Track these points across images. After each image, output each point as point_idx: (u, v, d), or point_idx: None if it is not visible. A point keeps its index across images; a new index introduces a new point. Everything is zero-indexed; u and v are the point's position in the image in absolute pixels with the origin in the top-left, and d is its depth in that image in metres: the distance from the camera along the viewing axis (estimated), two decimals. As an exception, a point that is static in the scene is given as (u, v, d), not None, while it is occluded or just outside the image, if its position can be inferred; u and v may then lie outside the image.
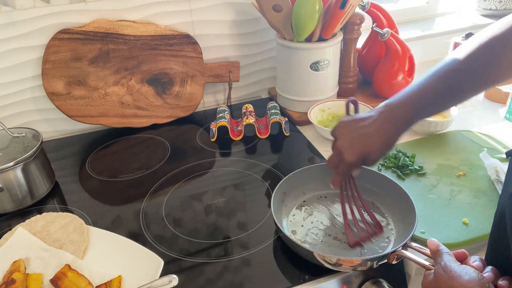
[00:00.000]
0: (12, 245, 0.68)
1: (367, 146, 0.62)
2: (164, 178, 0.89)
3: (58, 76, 0.99)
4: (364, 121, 0.63)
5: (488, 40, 0.56)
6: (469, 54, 0.57)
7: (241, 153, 0.96)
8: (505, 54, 0.55)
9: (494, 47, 0.56)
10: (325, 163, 0.70)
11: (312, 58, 1.00)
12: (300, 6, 0.92)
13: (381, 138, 0.61)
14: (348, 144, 0.63)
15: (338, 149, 0.64)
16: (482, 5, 1.43)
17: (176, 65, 1.06)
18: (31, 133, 0.85)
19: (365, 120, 0.63)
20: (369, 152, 0.62)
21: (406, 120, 0.61)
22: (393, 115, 0.61)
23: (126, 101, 1.05)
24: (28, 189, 0.81)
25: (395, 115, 0.61)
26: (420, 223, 0.71)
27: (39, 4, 0.94)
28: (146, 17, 1.03)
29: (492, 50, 0.56)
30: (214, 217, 0.77)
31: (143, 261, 0.64)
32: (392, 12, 1.14)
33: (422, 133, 0.97)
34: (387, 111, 0.62)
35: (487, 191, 0.78)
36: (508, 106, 1.01)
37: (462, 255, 0.52)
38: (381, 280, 0.64)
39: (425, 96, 0.59)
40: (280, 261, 0.67)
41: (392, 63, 1.06)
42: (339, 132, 0.65)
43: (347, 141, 0.63)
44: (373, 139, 0.61)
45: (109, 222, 0.77)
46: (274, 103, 1.07)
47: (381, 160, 0.88)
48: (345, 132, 0.64)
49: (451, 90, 0.59)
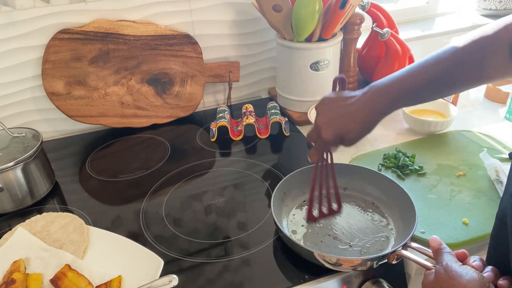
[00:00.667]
0: (12, 245, 0.68)
1: (345, 125, 0.62)
2: (164, 178, 0.89)
3: (58, 76, 0.99)
4: (347, 100, 0.63)
5: (480, 38, 0.56)
6: (460, 49, 0.57)
7: (241, 153, 0.96)
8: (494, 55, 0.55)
9: (484, 46, 0.56)
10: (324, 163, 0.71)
11: (312, 58, 1.00)
12: (300, 6, 0.92)
13: (360, 119, 0.61)
14: (327, 121, 0.63)
15: (317, 124, 0.64)
16: (482, 5, 1.43)
17: (176, 65, 1.06)
18: (31, 133, 0.85)
19: (348, 99, 0.63)
20: (346, 131, 0.62)
21: (389, 104, 0.60)
22: (376, 97, 0.61)
23: (126, 101, 1.05)
24: (28, 189, 0.81)
25: (378, 97, 0.61)
26: (420, 223, 0.71)
27: (39, 4, 0.94)
28: (146, 17, 1.03)
29: (482, 48, 0.56)
30: (214, 217, 0.77)
31: (143, 261, 0.64)
32: (392, 12, 1.14)
33: (422, 133, 0.97)
34: (370, 92, 0.61)
35: (487, 191, 0.78)
36: (508, 106, 1.01)
37: (463, 255, 0.52)
38: (381, 280, 0.64)
39: (410, 83, 0.59)
40: (280, 261, 0.67)
41: (392, 63, 1.06)
42: (321, 108, 0.65)
43: (326, 118, 0.64)
44: (352, 119, 0.61)
45: (109, 222, 0.77)
46: (274, 103, 1.07)
47: (380, 160, 0.88)
48: (326, 109, 0.64)
49: (437, 80, 0.59)
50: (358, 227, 0.71)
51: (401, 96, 0.60)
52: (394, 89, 0.60)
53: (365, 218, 0.73)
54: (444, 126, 0.95)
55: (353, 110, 0.61)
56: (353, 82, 1.14)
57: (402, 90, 0.60)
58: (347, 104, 0.62)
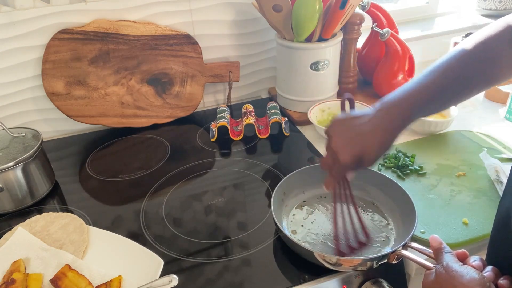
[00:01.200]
0: (12, 245, 0.68)
1: (363, 146, 0.58)
2: (164, 178, 0.89)
3: (58, 76, 0.99)
4: (360, 119, 0.60)
5: (485, 39, 0.56)
6: (466, 53, 0.57)
7: (241, 153, 0.96)
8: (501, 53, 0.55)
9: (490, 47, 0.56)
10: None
11: (312, 58, 1.00)
12: (300, 6, 0.92)
13: (378, 138, 0.58)
14: (343, 144, 0.59)
15: (332, 149, 0.60)
16: (482, 5, 1.43)
17: (176, 65, 1.06)
18: (31, 133, 0.85)
19: (361, 118, 0.60)
20: (365, 152, 0.58)
21: (404, 119, 0.58)
22: (391, 113, 0.58)
23: (126, 101, 1.05)
24: (28, 189, 0.81)
25: (392, 114, 0.58)
26: (420, 223, 0.71)
27: (39, 4, 0.94)
28: (146, 17, 1.03)
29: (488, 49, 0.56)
30: (214, 217, 0.77)
31: (143, 261, 0.64)
32: (392, 12, 1.14)
33: (422, 133, 0.97)
34: (384, 109, 0.59)
35: (487, 191, 0.78)
36: (508, 106, 1.01)
37: (463, 254, 0.52)
38: (381, 280, 0.64)
39: (423, 94, 0.57)
40: (280, 261, 0.67)
41: (392, 63, 1.06)
42: (333, 130, 0.61)
43: (342, 140, 0.60)
44: (370, 139, 0.58)
45: (109, 222, 0.77)
46: (274, 103, 1.07)
47: (380, 160, 0.88)
48: (340, 131, 0.61)
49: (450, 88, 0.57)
50: (358, 227, 0.71)
51: (415, 111, 0.58)
52: (408, 104, 0.57)
53: (365, 218, 0.73)
54: (444, 126, 0.95)
55: (368, 130, 0.58)
56: (353, 82, 1.14)
57: (415, 105, 0.57)
58: (361, 123, 0.59)
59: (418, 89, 0.58)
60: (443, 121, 0.94)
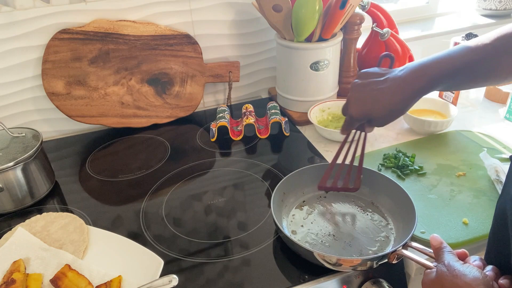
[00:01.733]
0: (12, 245, 0.68)
1: (372, 104, 0.59)
2: (164, 178, 0.89)
3: (58, 76, 0.99)
4: (380, 76, 0.60)
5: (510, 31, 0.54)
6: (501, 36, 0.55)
7: (241, 153, 0.96)
8: None
9: None
10: (325, 163, 0.71)
11: (312, 58, 1.00)
12: (300, 6, 0.92)
13: (389, 99, 0.58)
14: (356, 98, 0.61)
15: (347, 98, 0.62)
16: (482, 5, 1.43)
17: (176, 65, 1.06)
18: (31, 133, 0.85)
19: (382, 75, 0.60)
20: (374, 110, 0.59)
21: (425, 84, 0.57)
22: (412, 76, 0.57)
23: (126, 101, 1.05)
24: (28, 189, 0.81)
25: (414, 77, 0.57)
26: (420, 223, 0.71)
27: (39, 4, 0.94)
28: (146, 17, 1.03)
29: None
30: (214, 217, 0.77)
31: (143, 261, 0.64)
32: (392, 12, 1.14)
33: (422, 133, 0.97)
34: (406, 71, 0.58)
35: (487, 191, 0.78)
36: (508, 106, 1.01)
37: (463, 254, 0.52)
38: (381, 280, 0.64)
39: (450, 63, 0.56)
40: (280, 261, 0.67)
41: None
42: (355, 83, 0.63)
43: (357, 94, 0.61)
44: (382, 98, 0.58)
45: (109, 222, 0.77)
46: (274, 103, 1.07)
47: (380, 160, 0.88)
48: (359, 85, 0.62)
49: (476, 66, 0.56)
50: (358, 227, 0.71)
51: (440, 78, 0.57)
52: (434, 69, 0.57)
53: (365, 218, 0.73)
54: (444, 126, 0.95)
55: (383, 88, 0.58)
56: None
57: (440, 72, 0.56)
58: (379, 81, 0.59)
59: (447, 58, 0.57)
60: (443, 121, 0.94)
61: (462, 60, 0.56)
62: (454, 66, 0.57)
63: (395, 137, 0.97)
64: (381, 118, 0.60)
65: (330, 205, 0.76)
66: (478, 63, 0.56)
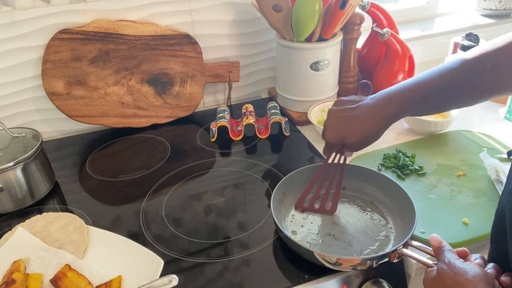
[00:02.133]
0: (12, 245, 0.68)
1: (345, 129, 0.63)
2: (164, 178, 0.89)
3: (58, 76, 0.99)
4: (354, 103, 0.64)
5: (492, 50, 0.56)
6: (470, 59, 0.57)
7: (241, 153, 0.96)
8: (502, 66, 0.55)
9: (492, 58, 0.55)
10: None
11: (312, 58, 1.00)
12: (300, 6, 0.92)
13: (361, 125, 0.62)
14: (331, 124, 0.65)
15: (324, 125, 0.66)
16: (482, 5, 1.43)
17: (176, 65, 1.06)
18: (31, 133, 0.85)
19: (355, 103, 0.64)
20: (347, 136, 0.63)
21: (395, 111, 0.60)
22: (382, 104, 0.61)
23: (126, 101, 1.05)
24: (28, 189, 0.81)
25: (384, 105, 0.61)
26: (420, 223, 0.71)
27: (39, 4, 0.94)
28: (146, 17, 1.03)
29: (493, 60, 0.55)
30: (214, 217, 0.77)
31: (143, 261, 0.64)
32: (392, 12, 1.14)
33: (422, 133, 0.97)
34: (377, 99, 0.62)
35: (487, 191, 0.78)
36: (508, 106, 1.01)
37: (463, 252, 0.52)
38: (381, 280, 0.64)
39: (420, 90, 0.59)
40: (280, 261, 0.67)
41: (392, 63, 1.06)
42: (331, 109, 0.67)
43: (332, 120, 0.65)
44: (353, 125, 0.62)
45: (109, 222, 0.77)
46: (274, 103, 1.07)
47: (380, 160, 0.88)
48: (335, 111, 0.66)
49: (448, 89, 0.58)
50: (357, 227, 0.71)
51: (408, 105, 0.60)
52: (402, 97, 0.60)
53: (364, 218, 0.73)
54: (444, 126, 0.95)
55: (354, 116, 0.62)
56: (353, 82, 1.14)
57: (409, 99, 0.60)
58: (352, 108, 0.63)
59: (416, 84, 0.60)
60: (443, 121, 0.94)
61: (430, 86, 0.59)
62: (423, 91, 0.59)
63: (395, 137, 0.97)
64: (355, 144, 0.64)
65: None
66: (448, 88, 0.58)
